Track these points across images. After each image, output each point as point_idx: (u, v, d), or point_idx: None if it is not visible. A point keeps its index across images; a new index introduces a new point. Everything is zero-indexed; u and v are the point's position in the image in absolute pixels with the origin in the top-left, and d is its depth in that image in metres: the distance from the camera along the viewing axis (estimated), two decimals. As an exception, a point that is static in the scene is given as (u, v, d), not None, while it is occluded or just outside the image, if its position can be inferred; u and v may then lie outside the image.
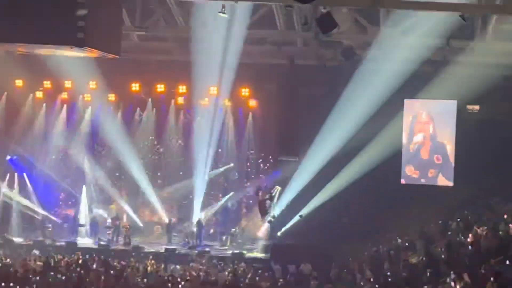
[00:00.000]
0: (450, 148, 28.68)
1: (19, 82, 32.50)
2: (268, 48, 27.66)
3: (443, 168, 28.63)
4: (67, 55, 19.52)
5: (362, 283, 24.35)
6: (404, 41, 24.26)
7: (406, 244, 27.19)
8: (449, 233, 25.94)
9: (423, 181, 28.96)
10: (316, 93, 28.56)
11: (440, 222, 27.82)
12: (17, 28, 16.42)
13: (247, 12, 21.01)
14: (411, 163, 29.00)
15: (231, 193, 33.84)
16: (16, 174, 34.32)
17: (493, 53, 25.11)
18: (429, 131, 28.85)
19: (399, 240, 28.22)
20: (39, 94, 33.44)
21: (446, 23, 22.71)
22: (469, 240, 23.77)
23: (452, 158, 28.62)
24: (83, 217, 34.75)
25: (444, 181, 28.72)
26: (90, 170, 34.89)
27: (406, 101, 28.74)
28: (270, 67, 28.50)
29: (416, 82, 27.63)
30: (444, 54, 26.02)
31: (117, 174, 34.94)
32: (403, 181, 29.01)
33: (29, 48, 18.89)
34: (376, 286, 23.18)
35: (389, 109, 28.46)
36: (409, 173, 28.98)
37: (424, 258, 24.51)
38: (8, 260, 28.45)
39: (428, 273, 22.81)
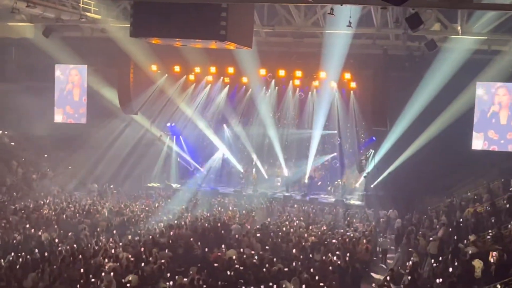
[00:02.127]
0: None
1: (177, 68, 33.19)
2: (365, 41, 27.22)
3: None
4: (212, 47, 19.78)
5: (437, 227, 23.92)
6: (476, 35, 23.32)
7: (475, 197, 26.65)
8: (510, 189, 25.09)
9: (502, 142, 27.79)
10: (404, 76, 27.86)
11: (502, 180, 26.92)
12: (175, 27, 16.86)
13: (350, 12, 20.58)
14: (491, 128, 27.89)
15: (334, 154, 33.65)
16: (174, 137, 35.41)
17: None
18: (507, 102, 27.69)
19: (469, 194, 27.62)
20: (191, 77, 33.99)
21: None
22: (526, 195, 23.17)
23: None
24: (222, 169, 35.53)
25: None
26: (228, 133, 35.44)
27: (478, 83, 27.64)
28: (367, 57, 28.00)
29: (485, 68, 26.53)
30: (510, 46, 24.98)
31: (250, 133, 35.03)
32: (485, 144, 27.94)
33: (183, 42, 19.32)
34: (450, 229, 22.71)
35: (463, 89, 27.42)
36: (491, 136, 27.90)
37: (489, 208, 23.96)
38: (169, 200, 29.64)
39: (492, 220, 22.35)
